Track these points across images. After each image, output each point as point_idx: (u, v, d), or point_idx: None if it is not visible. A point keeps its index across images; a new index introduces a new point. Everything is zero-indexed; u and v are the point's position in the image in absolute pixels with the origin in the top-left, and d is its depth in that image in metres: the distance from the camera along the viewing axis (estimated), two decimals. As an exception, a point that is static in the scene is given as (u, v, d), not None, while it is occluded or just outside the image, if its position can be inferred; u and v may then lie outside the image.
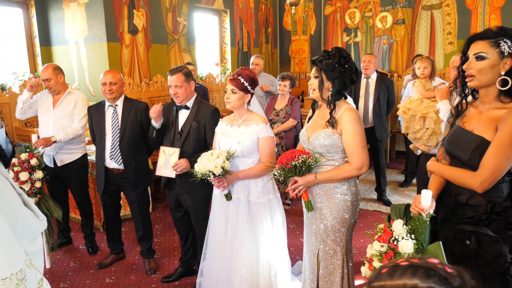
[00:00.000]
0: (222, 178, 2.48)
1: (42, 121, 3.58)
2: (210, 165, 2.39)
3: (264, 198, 2.60)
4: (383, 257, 1.69)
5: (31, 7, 5.23)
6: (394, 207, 1.82)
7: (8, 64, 5.19)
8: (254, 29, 7.91)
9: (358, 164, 2.15)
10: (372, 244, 1.76)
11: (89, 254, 3.76)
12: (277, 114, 4.68)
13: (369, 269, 1.75)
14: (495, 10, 6.35)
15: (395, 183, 5.62)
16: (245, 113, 2.62)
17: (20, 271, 1.31)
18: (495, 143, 1.65)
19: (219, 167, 2.39)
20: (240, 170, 2.56)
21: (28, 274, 1.35)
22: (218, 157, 2.42)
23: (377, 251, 1.72)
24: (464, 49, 1.79)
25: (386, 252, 1.69)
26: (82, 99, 3.59)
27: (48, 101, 3.59)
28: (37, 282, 1.42)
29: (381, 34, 7.33)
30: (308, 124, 2.39)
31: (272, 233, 2.65)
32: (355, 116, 2.15)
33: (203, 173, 2.42)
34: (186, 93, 2.89)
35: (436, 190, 1.87)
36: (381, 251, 1.70)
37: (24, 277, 1.32)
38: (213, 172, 2.40)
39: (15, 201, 1.50)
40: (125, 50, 5.37)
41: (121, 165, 3.20)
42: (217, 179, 2.49)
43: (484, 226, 1.69)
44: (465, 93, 1.86)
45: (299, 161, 2.14)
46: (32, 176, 3.23)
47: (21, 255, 1.36)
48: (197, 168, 2.44)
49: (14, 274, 1.29)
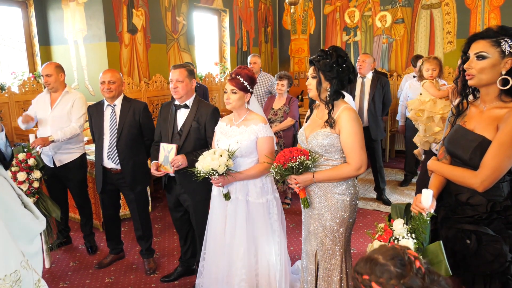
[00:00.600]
0: (225, 176, 2.47)
1: (40, 121, 3.57)
2: (214, 164, 2.37)
3: (262, 199, 2.59)
4: None
5: (30, 7, 5.23)
6: (394, 207, 1.82)
7: (7, 63, 5.18)
8: (254, 28, 7.90)
9: (356, 164, 2.14)
10: (372, 244, 1.76)
11: (89, 253, 3.76)
12: (275, 113, 4.67)
13: None
14: (494, 9, 6.35)
15: (394, 182, 5.62)
16: (244, 112, 2.61)
17: (15, 272, 1.30)
18: (496, 142, 1.65)
19: (223, 165, 2.38)
20: (239, 171, 2.54)
21: (23, 276, 1.34)
22: (221, 155, 2.40)
23: None
24: (464, 48, 1.79)
25: None
26: (80, 99, 3.57)
27: (46, 101, 3.57)
28: (34, 284, 1.41)
29: (380, 33, 7.33)
30: (306, 124, 2.38)
31: (271, 233, 2.64)
32: (353, 116, 2.14)
33: (206, 172, 2.40)
34: (187, 89, 2.87)
35: (437, 190, 1.87)
36: None
37: (19, 278, 1.31)
38: (217, 170, 2.39)
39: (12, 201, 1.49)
40: (124, 49, 5.36)
41: (119, 165, 3.19)
42: (220, 178, 2.47)
43: (485, 225, 1.69)
44: (466, 92, 1.86)
45: (296, 162, 2.13)
46: (30, 176, 3.21)
47: (16, 256, 1.35)
48: (200, 167, 2.42)
49: (8, 275, 1.28)
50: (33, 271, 1.43)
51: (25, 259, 1.40)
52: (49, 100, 3.57)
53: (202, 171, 2.42)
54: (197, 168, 2.45)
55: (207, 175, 2.43)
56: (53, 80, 3.48)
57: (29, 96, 4.86)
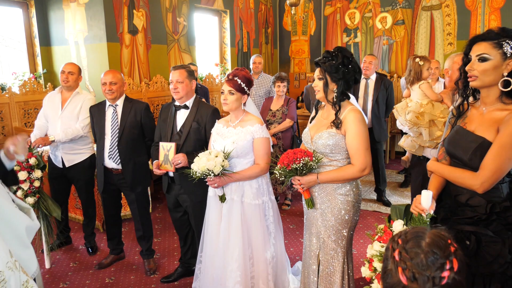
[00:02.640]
0: (221, 176, 2.47)
1: (51, 121, 3.57)
2: (210, 164, 2.38)
3: (258, 200, 2.59)
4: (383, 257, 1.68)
5: (31, 7, 5.23)
6: (394, 208, 1.82)
7: (8, 64, 5.19)
8: (254, 29, 7.91)
9: (361, 165, 2.15)
10: (372, 245, 1.76)
11: (89, 254, 3.76)
12: (273, 114, 4.67)
13: (369, 269, 1.75)
14: (494, 10, 6.36)
15: (394, 184, 5.62)
16: (241, 114, 2.61)
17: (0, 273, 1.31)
18: (496, 144, 1.65)
19: (219, 166, 2.39)
20: (234, 171, 2.53)
21: (8, 276, 1.34)
22: (216, 156, 2.41)
23: (377, 252, 1.72)
24: (466, 50, 1.79)
25: None
26: (89, 100, 3.60)
27: (56, 101, 3.58)
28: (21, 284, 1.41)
29: (381, 34, 7.34)
30: (311, 124, 2.38)
31: (267, 235, 2.63)
32: (359, 117, 2.15)
33: (202, 172, 2.41)
34: (187, 90, 2.88)
35: (436, 190, 1.87)
36: (381, 252, 1.70)
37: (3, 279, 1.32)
38: (212, 171, 2.40)
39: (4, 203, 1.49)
40: (125, 50, 5.37)
41: (119, 165, 3.20)
42: (216, 178, 2.47)
43: (484, 226, 1.69)
44: (467, 94, 1.86)
45: (300, 164, 2.14)
46: (30, 175, 3.23)
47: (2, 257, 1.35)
48: (196, 168, 2.43)
49: None
50: (20, 271, 1.44)
51: (12, 260, 1.40)
52: (59, 99, 3.58)
53: (198, 172, 2.42)
54: (192, 169, 2.45)
55: (202, 175, 2.43)
56: (74, 79, 3.53)
57: (30, 97, 4.87)
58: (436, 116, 2.78)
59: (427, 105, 2.88)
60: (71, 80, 3.51)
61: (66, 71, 3.51)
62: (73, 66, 3.57)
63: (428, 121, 2.85)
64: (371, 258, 1.75)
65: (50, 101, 3.61)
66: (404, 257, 0.98)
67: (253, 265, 2.62)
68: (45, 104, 3.63)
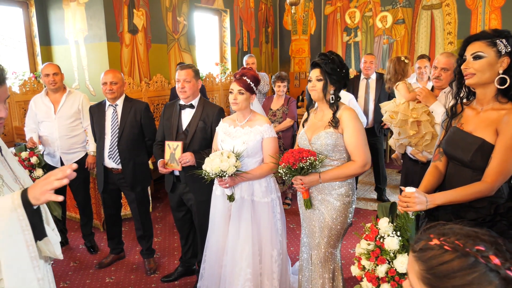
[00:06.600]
0: (234, 177, 2.48)
1: (44, 126, 3.55)
2: (224, 165, 2.38)
3: (267, 198, 2.61)
4: (370, 255, 1.70)
5: (31, 7, 5.23)
6: (381, 206, 1.85)
7: (8, 63, 5.19)
8: (254, 28, 7.91)
9: (362, 161, 2.20)
10: (360, 243, 1.78)
11: (90, 253, 3.76)
12: (274, 114, 4.67)
13: (358, 268, 1.77)
14: (495, 10, 6.35)
15: (394, 183, 5.62)
16: (249, 113, 2.61)
17: None
18: (501, 147, 1.66)
19: (232, 167, 2.39)
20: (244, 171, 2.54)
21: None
22: (228, 157, 2.41)
23: (364, 249, 1.74)
24: (460, 51, 1.81)
25: (373, 250, 1.70)
26: (85, 98, 3.63)
27: (46, 102, 3.55)
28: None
29: (381, 33, 7.34)
30: (306, 127, 2.40)
31: (275, 232, 2.65)
32: (354, 115, 2.23)
33: (216, 173, 2.40)
34: (193, 89, 2.88)
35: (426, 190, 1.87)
36: (368, 249, 1.72)
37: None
38: (226, 171, 2.39)
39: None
40: (125, 49, 5.37)
41: (119, 164, 3.20)
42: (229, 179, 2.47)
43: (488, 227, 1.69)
44: (461, 96, 1.87)
45: (306, 163, 2.16)
46: (32, 174, 3.23)
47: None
48: (209, 169, 2.42)
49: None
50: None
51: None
52: (49, 101, 3.55)
53: (211, 173, 2.41)
54: (205, 170, 2.44)
55: (216, 176, 2.43)
56: (60, 79, 3.51)
57: (30, 96, 4.85)
58: (408, 115, 2.80)
59: (403, 105, 2.89)
60: (58, 81, 3.49)
61: (51, 73, 3.45)
62: (54, 66, 3.50)
63: (400, 120, 2.86)
64: (359, 256, 1.76)
65: (39, 105, 3.56)
66: (503, 258, 0.87)
67: (262, 262, 2.64)
68: (34, 108, 3.58)
